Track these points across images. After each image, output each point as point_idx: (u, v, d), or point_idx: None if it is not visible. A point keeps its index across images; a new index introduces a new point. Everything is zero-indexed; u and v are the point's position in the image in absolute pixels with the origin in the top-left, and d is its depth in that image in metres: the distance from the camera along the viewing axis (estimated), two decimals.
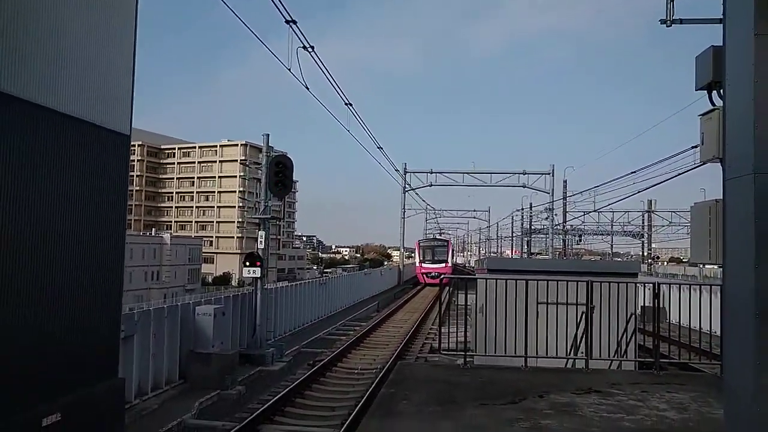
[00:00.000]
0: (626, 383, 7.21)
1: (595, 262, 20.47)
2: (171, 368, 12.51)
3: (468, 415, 5.80)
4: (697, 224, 5.47)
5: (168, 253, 79.33)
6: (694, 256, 6.02)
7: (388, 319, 25.06)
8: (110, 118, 8.93)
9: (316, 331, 21.41)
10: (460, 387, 6.98)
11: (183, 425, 10.06)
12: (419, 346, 18.40)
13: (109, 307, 9.30)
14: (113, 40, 9.06)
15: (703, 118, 4.86)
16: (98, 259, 8.90)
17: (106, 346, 9.18)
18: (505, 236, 76.78)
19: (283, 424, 10.19)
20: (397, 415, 5.77)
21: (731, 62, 4.12)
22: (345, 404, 11.42)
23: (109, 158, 9.08)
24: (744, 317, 3.99)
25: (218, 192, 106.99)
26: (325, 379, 13.64)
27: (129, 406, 10.43)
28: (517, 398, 6.44)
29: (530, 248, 61.01)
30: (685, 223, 47.74)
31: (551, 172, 44.39)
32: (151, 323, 11.82)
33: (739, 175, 3.99)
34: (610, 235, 57.79)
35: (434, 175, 47.22)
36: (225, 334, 14.35)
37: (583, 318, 8.47)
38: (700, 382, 7.59)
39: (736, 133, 4.07)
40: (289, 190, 16.01)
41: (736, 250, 4.11)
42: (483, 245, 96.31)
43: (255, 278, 16.05)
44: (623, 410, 6.07)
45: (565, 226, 49.69)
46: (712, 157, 4.68)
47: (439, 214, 78.10)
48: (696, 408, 6.22)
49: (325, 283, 26.62)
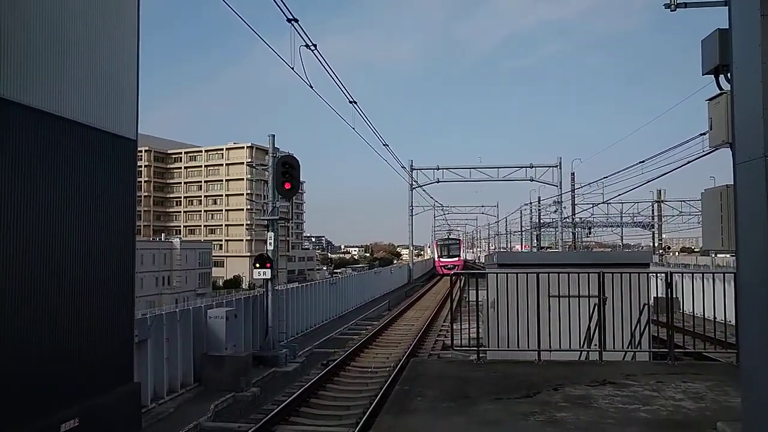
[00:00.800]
0: (641, 374, 7.16)
1: (606, 253, 20.36)
2: (185, 372, 12.57)
3: (482, 410, 5.78)
4: (709, 211, 5.42)
5: (178, 258, 79.72)
6: (706, 243, 5.97)
7: (399, 317, 25.06)
8: (116, 124, 8.98)
9: (328, 331, 21.45)
10: (474, 382, 6.96)
11: (199, 428, 10.10)
12: (432, 344, 18.38)
13: (122, 312, 9.36)
14: (117, 45, 9.11)
15: (711, 102, 4.82)
16: (109, 266, 8.95)
17: (120, 352, 9.24)
18: (514, 231, 76.68)
19: (298, 425, 10.21)
20: (411, 412, 5.76)
21: (738, 45, 4.08)
22: (359, 403, 11.43)
23: (117, 164, 9.13)
24: (759, 303, 3.95)
25: (226, 195, 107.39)
26: (338, 379, 13.65)
27: (145, 410, 10.49)
28: (531, 392, 6.41)
29: (540, 242, 60.83)
30: (696, 212, 47.47)
31: (559, 164, 44.23)
32: (164, 327, 11.88)
33: (750, 158, 3.95)
34: (620, 227, 57.46)
35: (441, 171, 47.17)
36: (237, 336, 14.40)
37: (595, 310, 8.43)
38: (716, 371, 7.53)
39: (745, 116, 4.03)
40: (296, 190, 16.03)
41: (748, 235, 4.07)
42: (492, 240, 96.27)
43: (266, 280, 16.09)
44: (639, 401, 6.03)
45: (574, 218, 49.47)
46: (722, 142, 4.63)
47: (447, 210, 78.20)
48: (713, 397, 6.16)
49: (336, 283, 26.65)
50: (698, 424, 5.25)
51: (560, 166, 44.19)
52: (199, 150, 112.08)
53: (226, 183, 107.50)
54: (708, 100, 4.89)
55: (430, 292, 39.06)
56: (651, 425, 5.27)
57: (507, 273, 8.84)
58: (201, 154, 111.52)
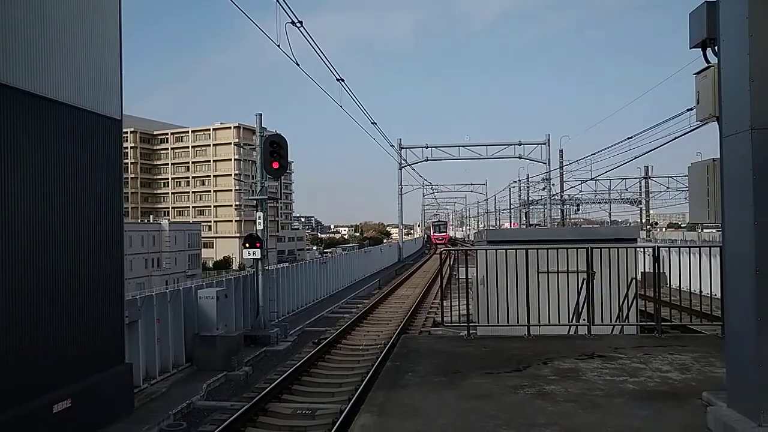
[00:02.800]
0: (628, 347, 7.27)
1: (595, 228, 20.50)
2: (177, 352, 12.61)
3: (473, 384, 5.85)
4: (696, 184, 5.46)
5: (167, 240, 79.29)
6: (692, 216, 6.03)
7: (390, 295, 25.20)
8: (100, 104, 8.86)
9: (319, 310, 21.54)
10: (464, 357, 7.03)
11: (192, 407, 10.17)
12: (422, 321, 18.54)
13: (112, 293, 9.35)
14: (98, 22, 8.93)
15: (698, 76, 4.82)
16: (97, 247, 8.91)
17: (111, 333, 9.25)
18: (503, 209, 76.99)
19: (291, 402, 10.30)
20: (403, 387, 5.83)
21: (725, 17, 4.07)
22: (351, 380, 11.53)
23: (102, 144, 9.03)
24: (744, 275, 4.00)
25: (214, 176, 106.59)
26: (330, 357, 13.76)
27: (138, 390, 10.53)
28: (521, 366, 6.49)
29: (529, 219, 61.12)
30: (683, 187, 47.77)
31: (547, 141, 44.27)
32: (154, 308, 11.88)
33: (736, 131, 3.97)
34: (608, 203, 57.80)
35: (430, 149, 47.08)
36: (229, 316, 14.43)
37: (584, 285, 8.51)
38: (702, 343, 7.65)
39: (731, 89, 4.04)
40: (284, 169, 15.95)
41: (734, 208, 4.11)
42: (481, 218, 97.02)
43: (255, 259, 16.08)
44: (626, 373, 6.13)
45: (562, 195, 49.69)
46: (708, 116, 4.64)
47: (437, 189, 78.30)
48: (698, 368, 6.27)
49: (326, 262, 26.71)
50: (684, 394, 5.35)
51: (549, 143, 44.26)
52: (186, 131, 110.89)
53: (213, 163, 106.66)
54: (695, 73, 4.89)
55: (420, 270, 39.26)
56: (638, 396, 5.36)
57: (496, 249, 8.88)
58: (188, 134, 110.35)
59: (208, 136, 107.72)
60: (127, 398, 9.58)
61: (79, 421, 8.08)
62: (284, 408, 9.91)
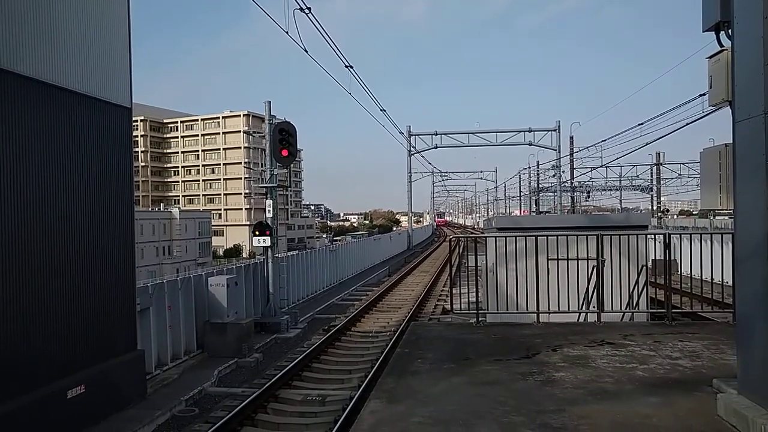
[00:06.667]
0: (639, 334, 7.24)
1: (605, 215, 20.36)
2: (188, 339, 12.73)
3: (482, 371, 5.86)
4: (707, 170, 5.40)
5: (178, 228, 79.81)
6: (704, 202, 5.96)
7: (399, 283, 25.25)
8: (110, 91, 8.88)
9: (329, 297, 21.63)
10: (474, 344, 7.04)
11: (204, 393, 10.27)
12: (431, 308, 18.57)
13: (124, 281, 9.42)
14: (106, 9, 8.92)
15: (711, 60, 4.74)
16: (109, 236, 8.97)
17: (123, 320, 9.34)
18: (512, 196, 76.67)
19: (301, 389, 10.37)
20: (412, 373, 5.84)
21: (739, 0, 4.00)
22: (361, 367, 11.59)
23: (112, 132, 9.06)
24: (756, 261, 3.96)
25: (224, 164, 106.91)
26: (340, 344, 13.83)
27: (150, 376, 10.65)
28: (530, 353, 6.49)
29: (539, 207, 60.83)
30: (695, 174, 47.32)
31: (557, 128, 43.88)
32: (165, 296, 11.98)
33: (749, 116, 3.91)
34: (619, 190, 57.37)
35: (439, 136, 46.80)
36: (239, 303, 14.52)
37: (594, 272, 8.47)
38: (713, 331, 7.61)
39: (745, 72, 3.98)
40: (293, 157, 15.95)
41: (747, 194, 4.06)
42: (491, 206, 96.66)
43: (265, 247, 16.15)
44: (636, 360, 6.11)
45: (573, 182, 49.38)
46: (722, 101, 4.57)
47: (446, 176, 78.09)
48: (709, 355, 6.24)
49: (336, 250, 26.76)
50: (694, 381, 5.33)
51: (559, 130, 43.86)
52: (196, 119, 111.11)
53: (223, 152, 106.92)
54: (708, 57, 4.81)
55: (429, 258, 39.28)
56: (648, 383, 5.35)
57: (506, 237, 8.86)
58: (197, 123, 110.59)
59: (218, 124, 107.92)
60: (140, 384, 9.70)
61: (92, 406, 8.19)
62: (295, 394, 9.98)
